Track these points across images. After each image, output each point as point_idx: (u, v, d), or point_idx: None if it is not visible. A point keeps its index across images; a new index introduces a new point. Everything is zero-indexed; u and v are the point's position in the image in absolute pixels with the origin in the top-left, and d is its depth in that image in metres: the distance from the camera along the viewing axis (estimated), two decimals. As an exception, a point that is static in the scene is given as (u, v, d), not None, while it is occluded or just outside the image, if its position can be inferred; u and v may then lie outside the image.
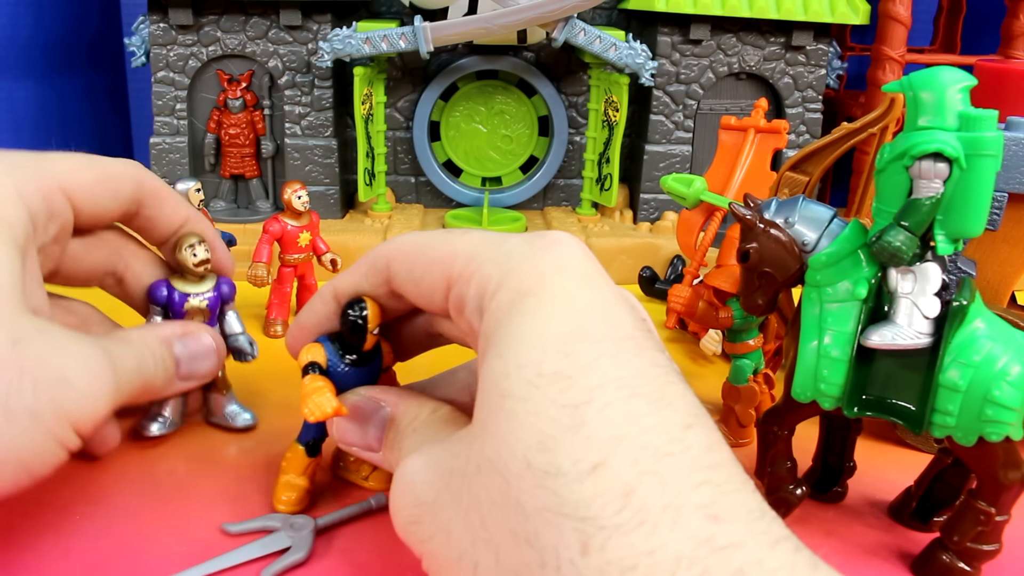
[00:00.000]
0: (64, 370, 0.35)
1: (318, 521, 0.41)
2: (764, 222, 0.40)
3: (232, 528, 0.41)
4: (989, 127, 0.35)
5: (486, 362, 0.29)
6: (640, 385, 0.27)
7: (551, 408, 0.27)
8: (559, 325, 0.28)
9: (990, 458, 0.37)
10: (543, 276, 0.30)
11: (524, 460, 0.26)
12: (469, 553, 0.28)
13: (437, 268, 0.33)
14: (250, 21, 0.81)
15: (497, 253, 0.31)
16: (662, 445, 0.26)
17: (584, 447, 0.26)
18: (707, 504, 0.25)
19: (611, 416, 0.26)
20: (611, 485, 0.25)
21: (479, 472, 0.28)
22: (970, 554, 0.39)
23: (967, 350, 0.37)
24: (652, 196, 0.88)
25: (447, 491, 0.29)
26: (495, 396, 0.28)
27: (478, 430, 0.29)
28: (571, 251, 0.31)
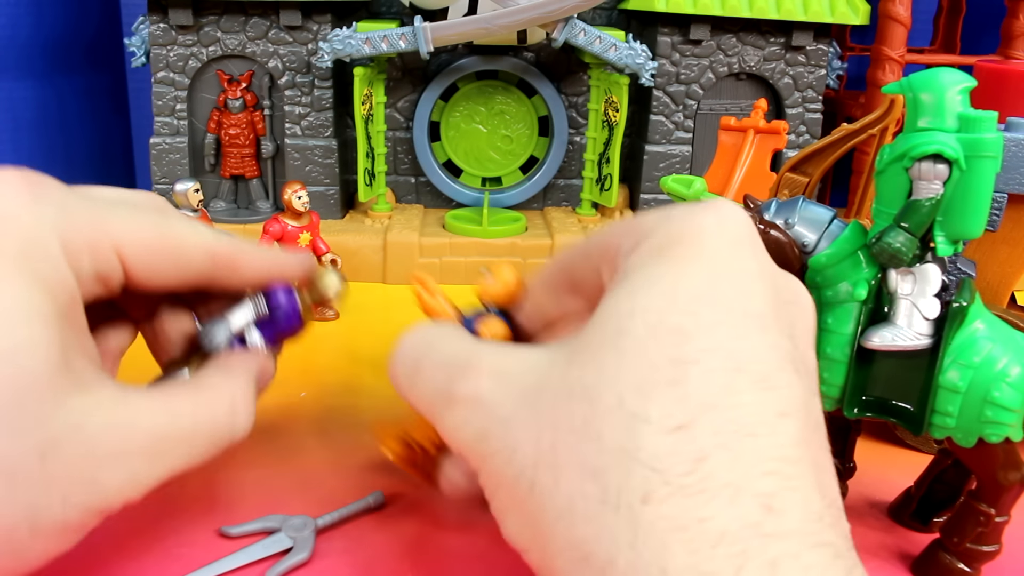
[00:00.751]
0: (95, 472, 0.33)
1: (318, 521, 0.41)
2: (764, 223, 0.40)
3: (231, 530, 0.41)
4: (989, 128, 0.35)
5: (613, 293, 0.30)
6: (749, 362, 0.27)
7: (660, 358, 0.27)
8: (696, 282, 0.28)
9: (990, 459, 0.37)
10: (699, 231, 0.30)
11: (619, 397, 0.27)
12: (528, 473, 0.28)
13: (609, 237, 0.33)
14: (250, 21, 0.81)
15: (665, 211, 0.32)
16: (748, 424, 0.26)
17: (676, 404, 0.26)
18: (768, 493, 0.25)
19: (710, 382, 0.27)
20: (688, 447, 0.26)
21: (569, 396, 0.28)
22: (970, 555, 0.39)
23: (967, 351, 0.37)
24: (652, 196, 0.88)
25: (525, 408, 0.29)
26: (611, 330, 0.28)
27: (580, 356, 0.29)
28: (736, 217, 0.31)
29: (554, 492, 0.27)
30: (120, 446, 0.33)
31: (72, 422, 0.32)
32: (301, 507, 0.43)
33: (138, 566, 0.39)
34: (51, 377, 0.32)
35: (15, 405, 0.30)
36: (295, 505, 0.43)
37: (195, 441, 0.36)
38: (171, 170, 0.84)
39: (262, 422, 0.52)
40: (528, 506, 0.28)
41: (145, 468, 0.34)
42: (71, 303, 0.34)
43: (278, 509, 0.43)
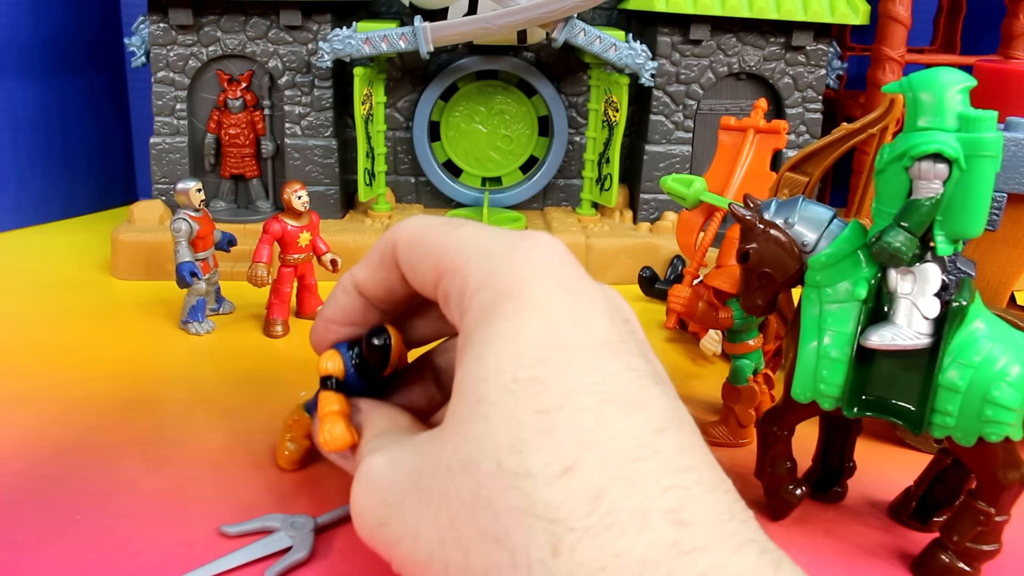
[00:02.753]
0: None
1: (318, 520, 0.42)
2: (764, 223, 0.40)
3: (231, 529, 0.41)
4: (989, 128, 0.35)
5: (464, 363, 0.30)
6: (611, 391, 0.28)
7: (524, 413, 0.27)
8: (535, 331, 0.28)
9: (989, 458, 0.37)
10: (522, 280, 0.30)
11: (495, 461, 0.27)
12: (439, 553, 0.28)
13: (430, 259, 0.33)
14: (250, 21, 0.81)
15: (481, 252, 0.31)
16: (631, 450, 0.26)
17: (555, 451, 0.26)
18: (674, 509, 0.25)
19: (581, 421, 0.27)
20: (580, 488, 0.26)
21: (449, 472, 0.28)
22: (970, 554, 0.39)
23: (967, 350, 0.37)
24: (652, 196, 0.88)
25: (415, 491, 0.29)
26: (472, 400, 0.28)
27: (451, 432, 0.29)
28: (551, 255, 0.31)
29: (467, 567, 0.27)
30: None
31: None
32: (301, 506, 0.43)
33: (138, 564, 0.39)
34: None
35: None
36: (295, 504, 0.44)
37: None
38: (171, 170, 0.84)
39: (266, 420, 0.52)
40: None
41: None
42: None
43: (278, 508, 0.43)
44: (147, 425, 0.52)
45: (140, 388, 0.57)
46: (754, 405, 0.50)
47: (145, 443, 0.49)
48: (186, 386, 0.58)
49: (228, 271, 0.78)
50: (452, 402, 0.30)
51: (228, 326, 0.68)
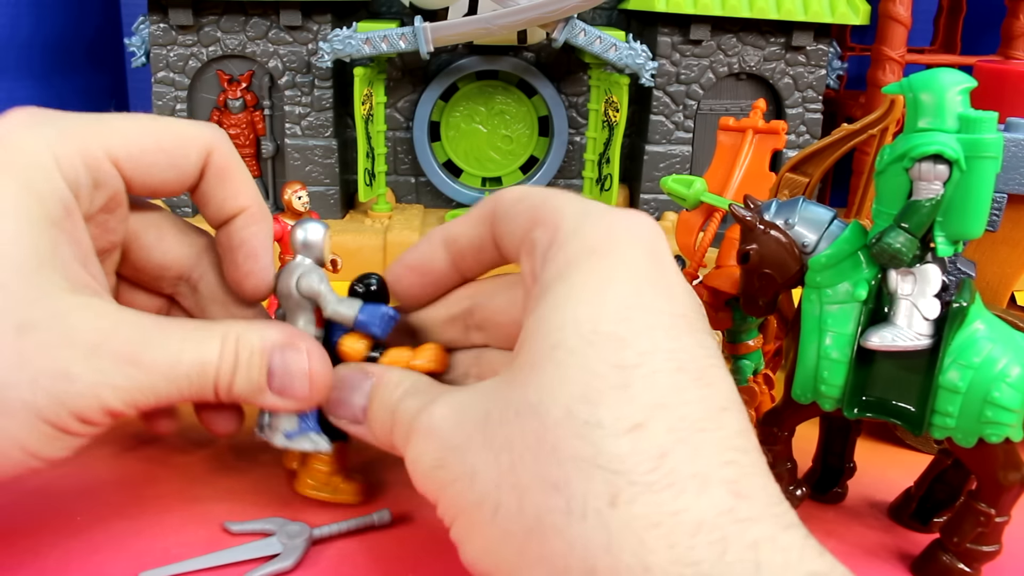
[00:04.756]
0: (67, 363, 0.33)
1: (314, 531, 0.41)
2: (764, 223, 0.40)
3: (233, 527, 0.41)
4: (989, 129, 0.35)
5: (539, 310, 0.30)
6: (686, 361, 0.28)
7: (601, 365, 0.28)
8: (622, 289, 0.29)
9: (990, 459, 0.37)
10: (615, 240, 0.31)
11: (566, 408, 0.27)
12: (492, 496, 0.28)
13: (529, 211, 0.34)
14: (250, 21, 0.81)
15: (579, 211, 0.32)
16: (698, 420, 0.27)
17: (627, 406, 0.27)
18: (732, 480, 0.26)
19: (656, 383, 0.27)
20: (647, 445, 0.26)
21: (517, 416, 0.28)
22: (970, 555, 0.39)
23: (967, 351, 0.37)
24: (652, 196, 0.88)
25: (479, 433, 0.30)
26: (545, 345, 0.29)
27: (522, 376, 0.29)
28: (645, 226, 0.32)
29: (520, 511, 0.27)
30: (97, 343, 0.34)
31: (53, 310, 0.34)
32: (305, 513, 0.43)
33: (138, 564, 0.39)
34: (36, 269, 0.34)
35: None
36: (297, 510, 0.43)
37: (176, 370, 0.35)
38: (171, 170, 0.83)
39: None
40: (494, 528, 0.28)
41: (120, 378, 0.34)
42: (65, 211, 0.36)
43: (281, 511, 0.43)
44: (147, 425, 0.52)
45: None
46: (754, 406, 0.50)
47: (146, 443, 0.49)
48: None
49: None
50: (522, 347, 0.30)
51: (228, 326, 0.68)
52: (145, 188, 0.40)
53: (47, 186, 0.35)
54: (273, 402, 0.38)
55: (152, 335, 0.35)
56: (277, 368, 0.38)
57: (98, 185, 0.38)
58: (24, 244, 0.34)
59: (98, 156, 0.37)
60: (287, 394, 0.38)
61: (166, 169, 0.39)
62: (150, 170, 0.39)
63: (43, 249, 0.34)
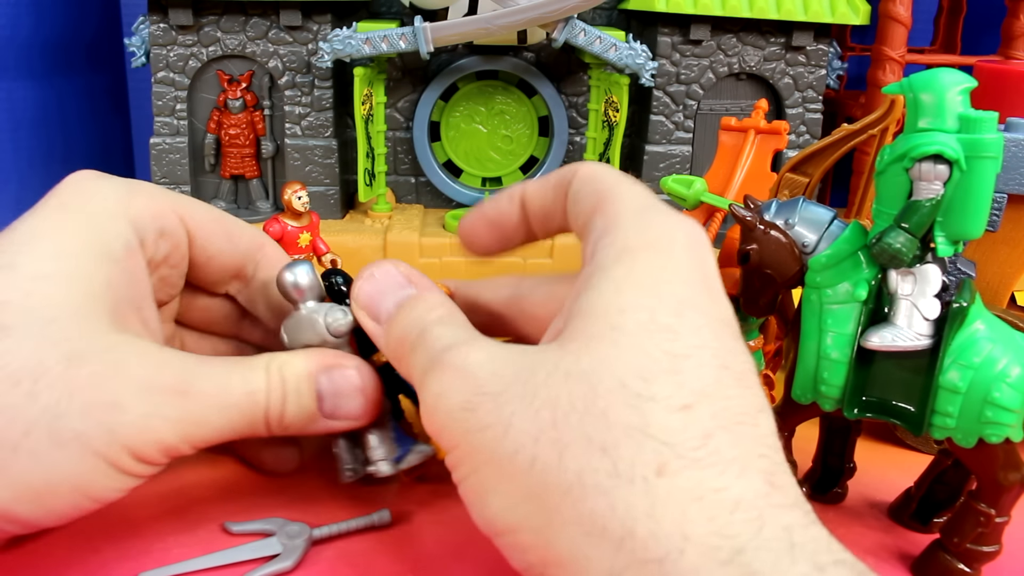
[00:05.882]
0: (117, 394, 0.34)
1: (314, 531, 0.41)
2: (764, 223, 0.40)
3: (234, 527, 0.41)
4: (989, 129, 0.35)
5: (598, 288, 0.31)
6: (730, 361, 0.30)
7: (656, 350, 0.29)
8: (677, 289, 0.31)
9: (990, 460, 0.37)
10: (672, 241, 0.32)
11: (620, 380, 0.29)
12: (529, 449, 0.29)
13: (598, 192, 0.35)
14: (250, 21, 0.81)
15: (642, 205, 0.34)
16: (738, 413, 0.29)
17: (678, 389, 0.28)
18: (767, 471, 0.28)
19: (703, 375, 0.29)
20: (695, 425, 0.28)
21: (566, 377, 0.29)
22: (970, 555, 0.39)
23: (967, 352, 0.37)
24: (652, 196, 0.87)
25: (519, 386, 0.30)
26: (604, 325, 0.30)
27: (576, 345, 0.30)
28: (699, 234, 0.34)
29: (559, 467, 0.28)
30: (146, 378, 0.34)
31: (102, 345, 0.34)
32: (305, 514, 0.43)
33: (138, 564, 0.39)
34: (86, 305, 0.35)
35: (47, 319, 0.34)
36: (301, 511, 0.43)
37: (226, 399, 0.36)
38: (171, 170, 0.84)
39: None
40: (527, 482, 0.28)
41: (171, 409, 0.35)
42: (127, 251, 0.38)
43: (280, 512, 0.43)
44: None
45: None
46: None
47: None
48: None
49: (228, 271, 0.78)
50: (577, 321, 0.31)
51: (228, 326, 0.68)
52: (204, 254, 0.43)
53: (113, 225, 0.38)
54: (327, 426, 0.39)
55: (198, 369, 0.36)
56: (326, 390, 0.39)
57: (163, 234, 0.40)
58: (77, 281, 0.35)
59: (166, 209, 0.41)
60: (340, 415, 0.39)
61: (224, 240, 0.43)
62: (210, 237, 0.43)
63: (97, 287, 0.36)
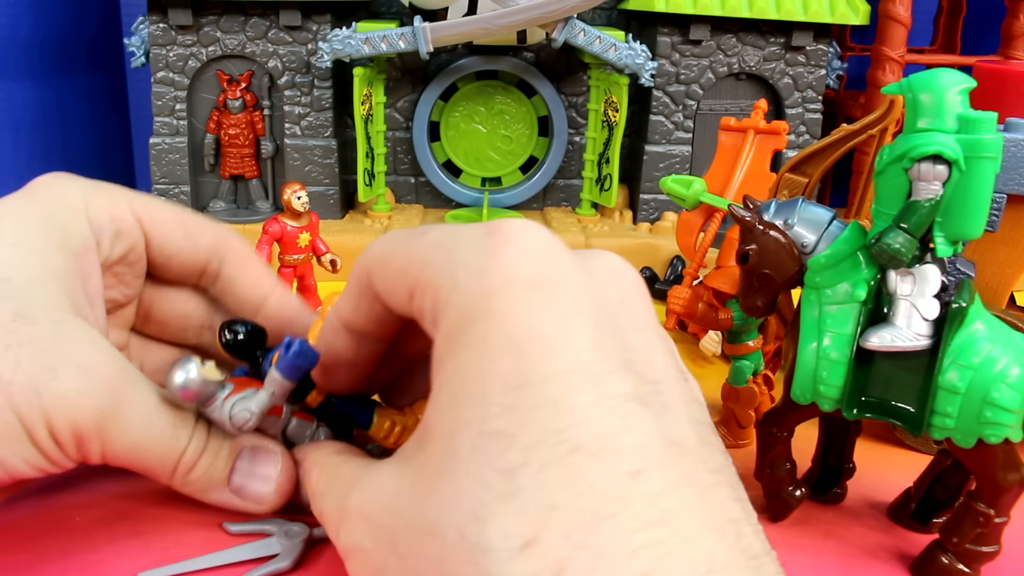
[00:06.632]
0: (54, 361, 0.33)
1: (314, 531, 0.41)
2: (763, 224, 0.40)
3: (232, 528, 0.41)
4: (988, 129, 0.35)
5: (437, 405, 0.28)
6: (581, 434, 0.25)
7: (489, 473, 0.25)
8: (502, 367, 0.26)
9: (989, 460, 0.37)
10: (490, 295, 0.27)
11: (459, 530, 0.25)
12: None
13: (401, 279, 0.31)
14: (250, 21, 0.81)
15: (448, 260, 0.29)
16: (600, 507, 0.24)
17: (516, 519, 0.24)
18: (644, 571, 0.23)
19: (545, 480, 0.24)
20: (541, 565, 0.23)
21: (421, 537, 0.26)
22: (969, 555, 0.39)
23: (966, 352, 0.36)
24: (652, 196, 0.88)
25: (394, 556, 0.28)
26: (445, 454, 0.26)
27: (422, 488, 0.27)
28: (524, 252, 0.28)
29: None
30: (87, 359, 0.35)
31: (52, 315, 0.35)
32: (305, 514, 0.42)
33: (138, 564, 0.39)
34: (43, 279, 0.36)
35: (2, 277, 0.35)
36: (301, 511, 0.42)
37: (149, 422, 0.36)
38: (171, 170, 0.84)
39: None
40: None
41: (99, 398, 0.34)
42: (83, 248, 0.39)
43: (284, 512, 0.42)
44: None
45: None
46: (754, 406, 0.50)
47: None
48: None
49: (228, 271, 0.78)
50: (424, 445, 0.28)
51: (228, 326, 0.68)
52: (162, 254, 0.43)
53: (71, 221, 0.39)
54: (227, 500, 0.40)
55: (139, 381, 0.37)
56: (242, 466, 0.40)
57: (119, 235, 0.41)
58: (36, 256, 0.36)
59: (123, 208, 0.41)
60: (245, 494, 0.40)
61: (183, 239, 0.43)
62: (168, 236, 0.43)
63: (53, 268, 0.36)
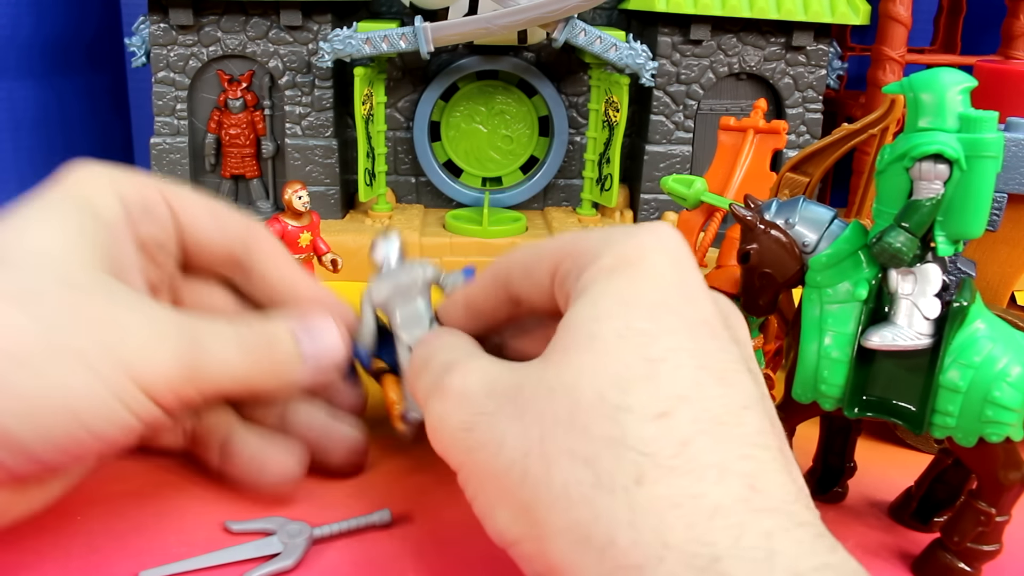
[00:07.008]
0: (120, 317, 0.34)
1: (315, 530, 0.41)
2: (764, 223, 0.40)
3: (234, 526, 0.41)
4: (989, 128, 0.35)
5: (577, 306, 0.32)
6: (708, 361, 0.30)
7: (632, 357, 0.30)
8: (651, 295, 0.31)
9: (990, 459, 0.37)
10: (643, 251, 0.32)
11: (598, 392, 0.29)
12: (520, 463, 0.30)
13: (547, 256, 0.36)
14: (250, 21, 0.81)
15: (603, 234, 0.34)
16: (719, 415, 0.29)
17: (654, 396, 0.29)
18: (748, 474, 0.28)
19: (680, 377, 0.29)
20: (671, 432, 0.28)
21: (551, 393, 0.30)
22: (970, 554, 0.39)
23: (967, 351, 0.37)
24: (652, 196, 0.88)
25: (511, 404, 0.31)
26: (582, 335, 0.31)
27: (556, 359, 0.31)
28: (671, 235, 0.33)
29: (548, 480, 0.29)
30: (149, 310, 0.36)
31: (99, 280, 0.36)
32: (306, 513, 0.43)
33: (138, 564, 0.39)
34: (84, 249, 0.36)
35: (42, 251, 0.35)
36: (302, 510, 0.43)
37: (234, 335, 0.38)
38: (171, 170, 0.84)
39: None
40: (521, 495, 0.30)
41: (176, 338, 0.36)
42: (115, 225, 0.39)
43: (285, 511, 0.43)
44: (147, 425, 0.52)
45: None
46: None
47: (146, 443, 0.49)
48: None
49: (228, 271, 0.78)
50: (559, 335, 0.32)
51: (228, 326, 0.68)
52: (192, 238, 0.43)
53: (102, 197, 0.39)
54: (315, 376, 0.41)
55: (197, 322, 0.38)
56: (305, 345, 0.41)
57: (149, 212, 0.41)
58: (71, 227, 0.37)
59: (153, 190, 0.42)
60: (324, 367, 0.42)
61: (211, 225, 0.44)
62: (197, 221, 0.43)
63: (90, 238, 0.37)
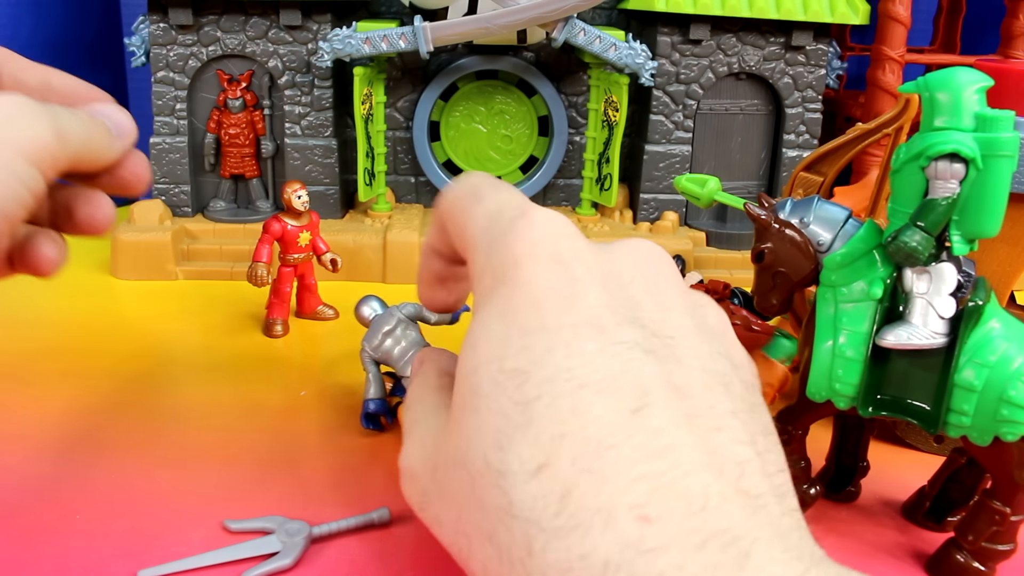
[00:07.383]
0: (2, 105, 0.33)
1: (314, 529, 0.41)
2: (779, 222, 0.40)
3: (233, 525, 0.41)
4: (1006, 127, 0.35)
5: (463, 350, 0.30)
6: (588, 373, 0.27)
7: (507, 405, 0.27)
8: (523, 317, 0.28)
9: (1005, 458, 0.37)
10: (516, 263, 0.29)
11: (484, 458, 0.27)
12: (454, 541, 0.29)
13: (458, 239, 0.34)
14: (250, 21, 0.81)
15: (485, 235, 0.31)
16: (604, 437, 0.26)
17: (532, 446, 0.26)
18: (640, 503, 0.25)
19: (557, 411, 0.26)
20: (552, 486, 0.26)
21: (454, 467, 0.29)
22: (985, 554, 0.39)
23: (982, 350, 0.37)
24: (652, 196, 0.88)
25: (434, 484, 0.31)
26: (468, 391, 0.29)
27: (453, 424, 0.30)
28: (546, 231, 0.30)
29: (471, 558, 0.28)
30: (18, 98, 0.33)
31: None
32: (305, 512, 0.43)
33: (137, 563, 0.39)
34: None
35: None
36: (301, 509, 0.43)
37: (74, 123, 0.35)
38: (171, 170, 0.83)
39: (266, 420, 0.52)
40: (467, 568, 0.29)
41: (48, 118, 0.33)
42: None
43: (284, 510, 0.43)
44: (147, 426, 0.52)
45: (140, 389, 0.57)
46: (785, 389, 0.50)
47: (145, 443, 0.49)
48: (186, 387, 0.57)
49: (228, 271, 0.78)
50: (455, 393, 0.30)
51: (228, 326, 0.68)
52: None
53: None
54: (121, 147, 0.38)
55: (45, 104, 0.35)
56: None
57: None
58: None
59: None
60: None
61: None
62: None
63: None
